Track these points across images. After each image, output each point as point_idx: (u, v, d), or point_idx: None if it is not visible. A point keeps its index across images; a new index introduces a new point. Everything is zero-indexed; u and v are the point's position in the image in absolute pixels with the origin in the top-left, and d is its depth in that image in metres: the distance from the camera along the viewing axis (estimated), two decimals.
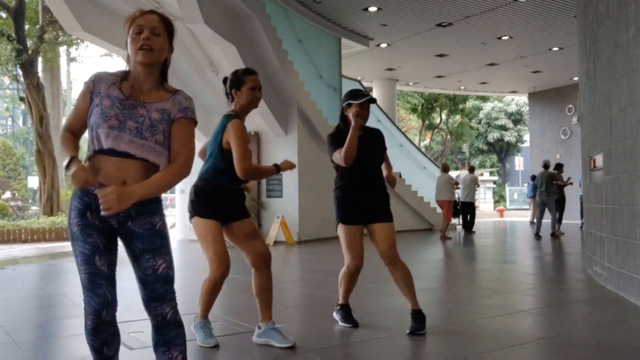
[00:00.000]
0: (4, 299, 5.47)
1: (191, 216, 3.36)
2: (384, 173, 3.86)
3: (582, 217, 12.26)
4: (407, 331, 3.68)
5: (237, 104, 3.37)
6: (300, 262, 8.47)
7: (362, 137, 3.71)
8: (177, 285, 2.24)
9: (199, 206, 3.32)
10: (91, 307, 2.09)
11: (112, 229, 2.15)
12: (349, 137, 3.57)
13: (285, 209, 11.23)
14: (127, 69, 2.21)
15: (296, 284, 6.29)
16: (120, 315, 4.16)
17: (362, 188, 3.75)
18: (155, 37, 2.15)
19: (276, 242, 10.94)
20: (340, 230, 3.77)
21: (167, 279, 2.17)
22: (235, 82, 3.36)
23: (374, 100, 3.75)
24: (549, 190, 11.72)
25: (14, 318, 4.56)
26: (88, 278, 2.08)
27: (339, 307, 4.00)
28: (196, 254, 9.27)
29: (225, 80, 3.43)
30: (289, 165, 3.42)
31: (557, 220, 12.49)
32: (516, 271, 7.15)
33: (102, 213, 1.98)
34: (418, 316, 3.72)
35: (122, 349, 3.41)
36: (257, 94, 3.36)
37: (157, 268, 2.14)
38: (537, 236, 11.37)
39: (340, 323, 3.93)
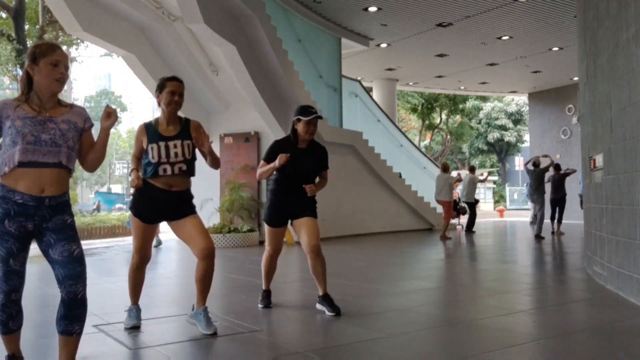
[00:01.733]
0: None
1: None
2: (314, 183, 4.46)
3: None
4: (330, 313, 4.23)
5: (161, 107, 3.72)
6: (300, 262, 8.46)
7: (305, 150, 4.35)
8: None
9: (133, 203, 3.78)
10: (2, 291, 2.60)
11: (27, 232, 2.58)
12: (268, 167, 4.32)
13: None
14: (22, 94, 2.61)
15: (296, 284, 6.29)
16: (120, 316, 4.17)
17: (292, 193, 4.40)
18: (65, 71, 2.64)
19: None
20: (266, 228, 4.53)
21: (82, 260, 2.63)
22: (159, 86, 3.72)
23: (320, 117, 4.32)
24: (540, 190, 11.64)
25: None
26: (3, 274, 2.59)
27: (264, 294, 4.69)
28: (190, 255, 9.26)
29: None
30: (134, 181, 3.66)
31: (558, 220, 12.46)
32: (516, 271, 7.15)
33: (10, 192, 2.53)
34: (328, 298, 4.34)
35: (122, 348, 3.42)
36: (175, 98, 3.66)
37: (72, 251, 2.60)
38: (538, 237, 11.35)
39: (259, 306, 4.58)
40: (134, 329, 3.81)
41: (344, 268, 7.30)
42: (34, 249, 2.70)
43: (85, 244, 11.33)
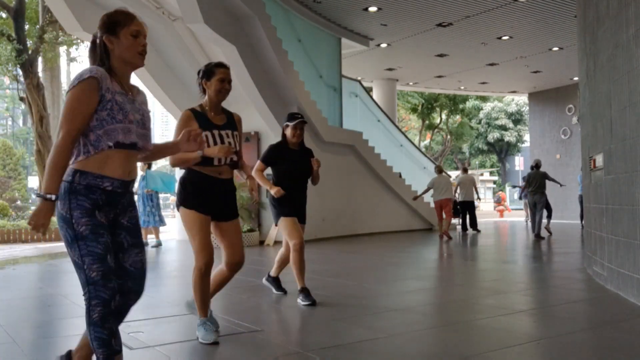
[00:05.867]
0: (4, 299, 5.47)
1: (177, 206, 3.51)
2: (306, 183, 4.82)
3: (582, 219, 12.21)
4: (304, 303, 4.64)
5: (208, 95, 3.52)
6: None
7: (296, 152, 4.75)
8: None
9: (184, 196, 3.44)
10: (101, 299, 2.17)
11: (110, 223, 2.27)
12: (264, 184, 4.60)
13: None
14: (97, 64, 2.26)
15: (296, 284, 6.28)
16: None
17: (290, 194, 4.69)
18: (145, 41, 2.35)
19: (276, 242, 10.94)
20: (282, 223, 4.69)
21: (146, 274, 2.42)
22: (207, 73, 3.51)
23: (305, 122, 4.73)
24: (542, 190, 11.66)
25: (14, 318, 4.56)
26: (102, 276, 2.16)
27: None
28: (189, 255, 9.26)
29: (199, 72, 3.57)
30: (216, 152, 3.36)
31: (547, 216, 12.45)
32: (516, 271, 7.15)
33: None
34: (305, 291, 4.77)
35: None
36: (225, 85, 3.49)
37: (143, 264, 2.35)
38: (538, 236, 11.36)
39: (274, 291, 5.08)
40: (214, 344, 3.45)
41: (344, 268, 7.29)
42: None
43: None
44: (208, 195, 3.42)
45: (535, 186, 11.68)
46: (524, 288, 5.73)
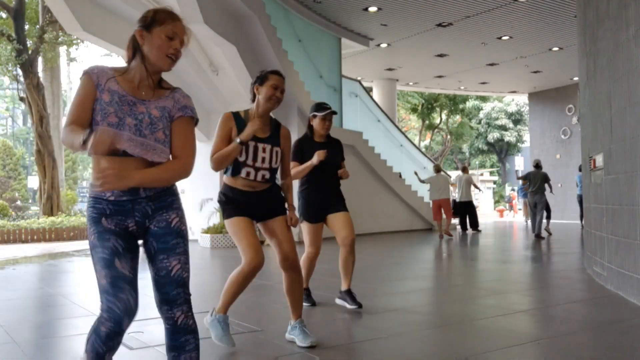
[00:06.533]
0: (4, 299, 5.47)
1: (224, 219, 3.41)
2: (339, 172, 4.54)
3: (581, 219, 12.21)
4: (352, 307, 4.44)
5: (257, 101, 3.38)
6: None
7: (323, 144, 4.46)
8: None
9: (223, 208, 3.37)
10: (113, 313, 1.98)
11: (131, 232, 2.09)
12: (304, 166, 4.27)
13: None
14: (127, 63, 2.14)
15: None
16: None
17: (322, 189, 4.51)
18: (181, 48, 2.15)
19: None
20: (303, 227, 4.51)
21: (180, 281, 2.08)
22: (260, 78, 3.41)
23: (334, 112, 4.43)
24: (542, 191, 11.68)
25: (14, 318, 4.56)
26: (110, 282, 1.98)
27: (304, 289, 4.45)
28: (196, 254, 9.26)
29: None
30: (251, 131, 3.22)
31: (547, 217, 12.46)
32: (516, 271, 7.15)
33: (98, 188, 1.92)
34: (350, 294, 4.52)
35: (122, 348, 3.42)
36: (277, 93, 3.36)
37: (170, 269, 2.06)
38: (538, 237, 11.37)
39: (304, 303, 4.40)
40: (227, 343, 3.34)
41: None
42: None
43: (86, 243, 11.32)
44: (244, 206, 3.31)
45: (536, 186, 11.69)
46: (524, 288, 5.73)
